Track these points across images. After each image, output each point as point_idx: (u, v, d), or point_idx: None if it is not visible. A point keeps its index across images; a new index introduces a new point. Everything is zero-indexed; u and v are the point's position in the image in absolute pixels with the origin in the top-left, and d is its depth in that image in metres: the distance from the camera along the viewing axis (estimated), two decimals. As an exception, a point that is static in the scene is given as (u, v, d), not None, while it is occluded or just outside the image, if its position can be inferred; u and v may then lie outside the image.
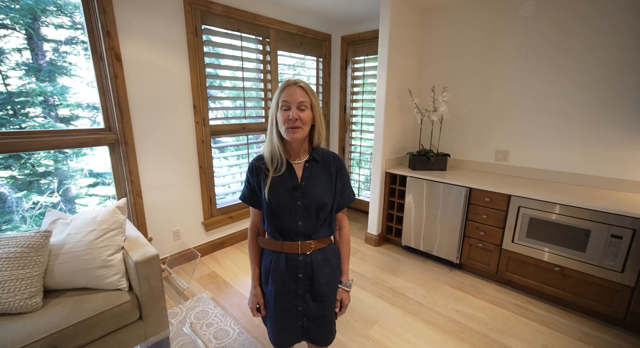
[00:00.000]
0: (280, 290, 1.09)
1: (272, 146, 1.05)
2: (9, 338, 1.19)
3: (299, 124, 0.98)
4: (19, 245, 1.35)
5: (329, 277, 1.12)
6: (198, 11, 2.32)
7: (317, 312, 1.12)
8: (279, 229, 1.07)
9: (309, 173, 1.07)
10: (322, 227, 1.10)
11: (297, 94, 0.98)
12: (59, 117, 3.04)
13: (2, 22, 2.49)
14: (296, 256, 1.08)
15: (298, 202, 1.05)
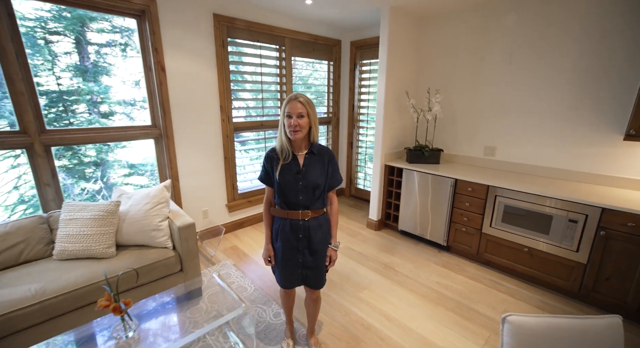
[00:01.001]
0: (286, 246, 1.50)
1: (281, 142, 1.44)
2: (99, 272, 1.70)
3: (298, 128, 1.36)
4: (100, 210, 1.87)
5: (321, 238, 1.52)
6: (225, 27, 2.77)
7: (313, 264, 1.53)
8: (285, 201, 1.48)
9: (308, 162, 1.46)
10: (317, 201, 1.49)
11: (298, 106, 1.35)
12: (100, 113, 3.62)
13: (56, 30, 3.05)
14: (297, 222, 1.47)
15: (300, 182, 1.44)
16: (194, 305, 1.89)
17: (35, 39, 2.58)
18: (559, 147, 2.50)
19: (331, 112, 4.12)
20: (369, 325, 1.97)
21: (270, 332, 1.89)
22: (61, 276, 1.67)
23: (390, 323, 1.99)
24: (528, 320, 0.97)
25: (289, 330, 1.81)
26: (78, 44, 3.39)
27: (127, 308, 1.31)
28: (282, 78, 3.36)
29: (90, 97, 3.34)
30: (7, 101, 2.57)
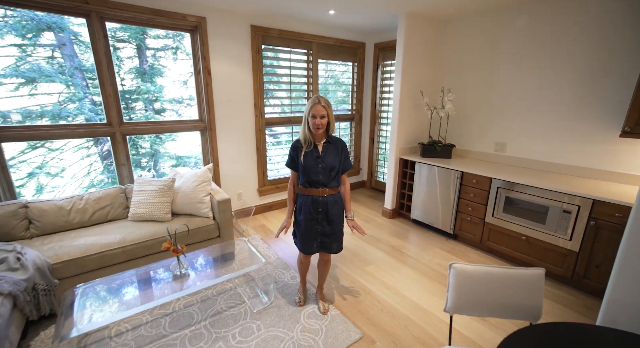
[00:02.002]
0: (308, 217, 1.86)
1: (304, 135, 1.80)
2: (160, 231, 2.26)
3: (320, 126, 1.74)
4: (161, 185, 2.43)
5: (337, 211, 1.88)
6: (260, 35, 3.24)
7: (330, 231, 1.89)
8: (308, 181, 1.83)
9: (326, 149, 1.83)
10: (333, 181, 1.84)
11: (320, 109, 1.71)
12: (155, 110, 4.29)
13: (122, 38, 3.71)
14: (318, 198, 1.83)
15: (319, 165, 1.80)
16: (227, 265, 2.38)
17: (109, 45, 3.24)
18: (563, 144, 2.61)
19: (354, 109, 4.44)
20: (370, 291, 2.32)
21: (287, 289, 2.32)
22: (135, 231, 2.24)
23: (388, 290, 2.32)
24: (467, 267, 1.27)
25: (301, 287, 2.21)
26: (139, 49, 4.10)
27: (182, 251, 1.80)
28: (309, 79, 3.76)
29: (147, 96, 4.02)
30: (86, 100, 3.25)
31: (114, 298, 1.73)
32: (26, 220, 2.15)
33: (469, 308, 1.26)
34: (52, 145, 3.82)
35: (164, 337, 1.83)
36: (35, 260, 1.83)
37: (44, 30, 3.31)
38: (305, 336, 1.86)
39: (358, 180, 4.79)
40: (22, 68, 3.26)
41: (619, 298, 1.26)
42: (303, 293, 2.18)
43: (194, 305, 2.10)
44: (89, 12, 2.36)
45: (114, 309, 1.63)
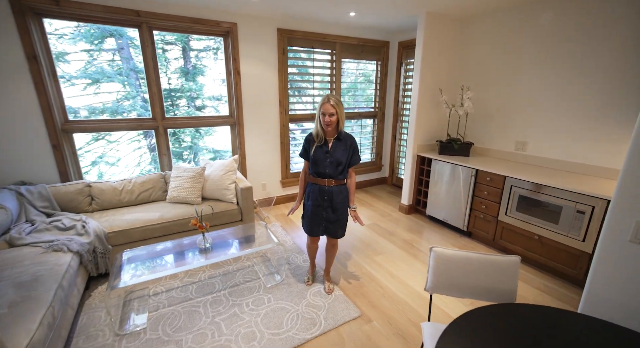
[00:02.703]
0: (314, 203, 2.06)
1: (317, 130, 1.98)
2: (191, 212, 2.61)
3: (330, 123, 1.90)
4: (194, 172, 2.79)
5: (340, 200, 2.05)
6: (285, 37, 3.49)
7: (334, 218, 2.07)
8: (316, 172, 2.02)
9: (335, 145, 1.99)
10: (339, 174, 2.01)
11: (329, 107, 1.86)
12: (196, 106, 4.74)
13: (170, 41, 4.16)
14: (324, 187, 2.02)
15: (328, 159, 1.98)
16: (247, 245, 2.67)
17: (156, 49, 3.70)
18: (587, 143, 2.52)
19: (377, 107, 4.54)
20: (374, 277, 2.47)
21: (298, 270, 2.55)
22: (171, 211, 2.62)
23: (392, 279, 2.46)
24: (447, 251, 1.38)
25: (310, 269, 2.43)
26: (184, 51, 4.56)
27: (206, 227, 2.11)
28: (332, 77, 3.95)
29: (189, 93, 4.47)
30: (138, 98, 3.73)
31: (152, 263, 2.09)
32: (89, 196, 2.62)
33: (446, 288, 1.39)
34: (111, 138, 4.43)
35: (190, 299, 2.16)
36: (95, 229, 2.26)
37: (107, 37, 3.88)
38: (308, 310, 2.07)
39: (379, 176, 4.88)
40: (89, 70, 3.85)
41: (596, 290, 1.30)
42: (312, 274, 2.39)
43: (216, 277, 2.42)
44: (140, 24, 2.77)
45: (151, 271, 1.98)
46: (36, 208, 2.36)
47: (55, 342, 1.51)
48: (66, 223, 2.24)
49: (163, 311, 2.04)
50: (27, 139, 2.53)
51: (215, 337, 1.84)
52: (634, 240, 1.17)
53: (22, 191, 2.35)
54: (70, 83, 3.49)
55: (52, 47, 2.58)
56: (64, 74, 3.04)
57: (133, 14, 2.68)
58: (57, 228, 2.20)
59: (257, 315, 2.02)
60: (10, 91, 2.41)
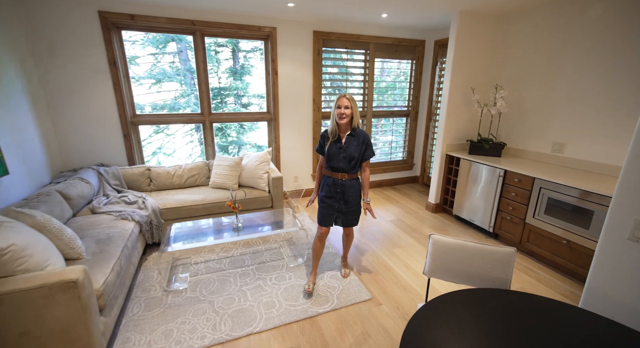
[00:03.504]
0: (328, 195, 2.18)
1: (332, 126, 2.08)
2: (228, 195, 2.97)
3: (345, 116, 1.99)
4: (232, 161, 3.16)
5: (352, 193, 2.16)
6: (321, 39, 3.71)
7: (345, 209, 2.18)
8: (330, 166, 2.14)
9: (348, 141, 2.08)
10: (352, 169, 2.11)
11: (344, 101, 1.99)
12: (242, 104, 5.18)
13: (222, 43, 4.60)
14: (337, 180, 2.14)
15: (341, 154, 2.10)
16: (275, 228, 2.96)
17: (209, 51, 4.16)
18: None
19: (410, 106, 4.56)
20: (390, 268, 2.60)
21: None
22: (212, 194, 3.01)
23: (407, 270, 2.56)
24: (444, 239, 1.48)
25: (312, 275, 2.29)
26: (233, 52, 5.02)
27: (239, 208, 2.43)
28: (365, 77, 4.08)
29: (236, 92, 4.92)
30: (192, 95, 4.21)
31: (194, 235, 2.47)
32: (149, 178, 3.12)
33: (443, 273, 1.50)
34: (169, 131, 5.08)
35: (223, 270, 2.51)
36: (152, 205, 2.71)
37: (169, 42, 4.47)
38: (324, 289, 2.28)
39: (410, 175, 4.89)
40: (154, 72, 4.49)
41: (596, 288, 1.31)
42: (313, 282, 2.27)
43: (246, 255, 2.75)
44: (195, 31, 3.20)
45: (193, 241, 2.35)
46: (110, 185, 2.90)
47: (121, 288, 1.93)
48: (131, 198, 2.73)
49: (201, 277, 2.41)
50: (105, 130, 3.10)
51: (241, 302, 2.14)
52: (632, 238, 1.17)
53: (100, 171, 2.91)
54: (139, 83, 4.10)
55: (126, 52, 3.11)
56: (134, 75, 3.60)
57: (189, 24, 3.12)
58: (124, 201, 2.70)
59: (278, 289, 2.28)
60: (95, 90, 2.99)
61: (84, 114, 2.99)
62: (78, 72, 2.88)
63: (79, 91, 2.93)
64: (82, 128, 3.02)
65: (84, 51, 2.85)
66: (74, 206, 2.44)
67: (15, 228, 1.45)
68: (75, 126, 2.99)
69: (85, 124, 3.02)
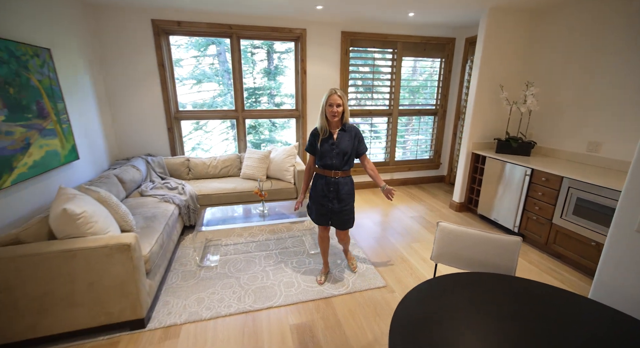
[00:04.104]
0: (321, 194, 2.08)
1: (322, 123, 1.98)
2: (255, 186, 3.22)
3: (336, 113, 1.91)
4: (261, 155, 3.40)
5: (346, 191, 2.07)
6: (349, 39, 3.84)
7: (338, 208, 2.08)
8: (323, 164, 2.04)
9: (340, 136, 1.99)
10: (345, 165, 2.03)
11: (336, 98, 1.90)
12: (274, 103, 5.45)
13: (258, 45, 4.88)
14: (331, 178, 2.03)
15: (334, 151, 1.99)
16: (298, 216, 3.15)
17: (246, 53, 4.47)
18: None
19: (438, 104, 4.53)
20: (407, 260, 2.67)
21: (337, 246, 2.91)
22: (242, 184, 3.28)
23: (424, 263, 2.61)
24: (451, 226, 1.55)
25: (323, 268, 2.37)
26: (268, 53, 5.31)
27: (264, 196, 2.65)
28: (392, 75, 4.14)
29: (270, 91, 5.20)
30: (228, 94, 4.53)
31: (224, 219, 2.73)
32: (188, 168, 3.48)
33: (449, 259, 1.57)
34: (207, 128, 5.51)
35: (250, 253, 2.74)
36: (190, 191, 3.03)
37: (210, 45, 4.87)
38: (340, 274, 2.42)
39: (437, 174, 4.85)
40: (195, 73, 4.91)
41: (605, 279, 1.32)
42: (324, 273, 2.35)
43: (271, 240, 2.96)
44: (231, 34, 3.50)
45: (224, 223, 2.61)
46: (155, 172, 3.28)
47: (163, 259, 2.22)
48: (172, 184, 3.08)
49: (229, 257, 2.66)
50: (153, 124, 3.51)
51: (264, 280, 2.35)
52: (640, 230, 1.18)
53: (148, 160, 3.30)
54: (182, 83, 4.53)
55: (172, 55, 3.49)
56: (178, 76, 4.00)
57: (227, 28, 3.42)
58: (167, 187, 3.05)
59: (298, 271, 2.46)
60: (146, 89, 3.39)
61: (136, 109, 3.41)
62: (133, 73, 3.30)
63: (133, 89, 3.35)
64: (134, 122, 3.44)
65: (139, 54, 3.26)
66: (127, 188, 2.82)
67: (86, 200, 1.77)
68: (129, 120, 3.42)
69: (137, 119, 3.44)
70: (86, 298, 1.66)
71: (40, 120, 2.18)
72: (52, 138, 2.29)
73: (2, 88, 1.87)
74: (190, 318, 1.94)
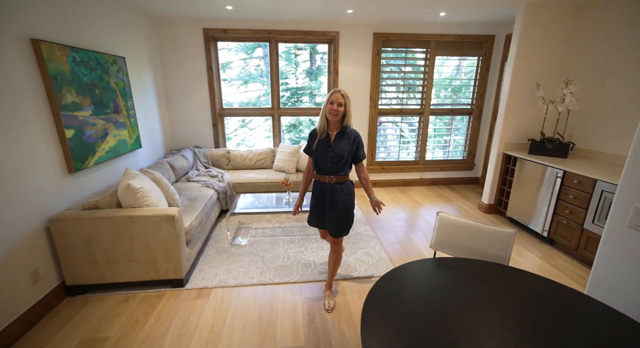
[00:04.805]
0: (317, 199, 1.98)
1: (321, 124, 1.84)
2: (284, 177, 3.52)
3: (336, 112, 1.77)
4: (292, 149, 3.70)
5: (342, 198, 1.90)
6: (380, 40, 3.96)
7: (333, 216, 1.93)
8: (318, 167, 1.91)
9: (338, 139, 1.85)
10: (341, 170, 1.87)
11: (338, 96, 1.77)
12: (315, 103, 5.72)
13: (300, 46, 5.18)
14: (325, 184, 1.90)
15: (329, 154, 1.84)
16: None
17: (289, 54, 4.80)
18: None
19: (474, 104, 4.41)
20: (423, 255, 2.74)
21: (358, 236, 3.07)
22: (273, 175, 3.61)
23: (438, 259, 2.67)
24: (449, 216, 1.64)
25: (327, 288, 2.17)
26: (311, 54, 5.60)
27: (290, 186, 2.93)
28: (425, 74, 4.16)
29: (311, 91, 5.49)
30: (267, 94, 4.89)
31: (255, 204, 3.07)
32: (227, 159, 3.91)
33: (447, 248, 1.67)
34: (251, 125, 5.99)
35: (275, 236, 3.04)
36: (228, 179, 3.44)
37: (256, 48, 5.32)
38: (355, 261, 2.60)
39: (470, 176, 4.72)
40: (242, 74, 5.40)
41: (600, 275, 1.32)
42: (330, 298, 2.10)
43: (296, 227, 3.23)
44: (270, 39, 3.85)
45: (254, 208, 2.94)
46: (200, 162, 3.76)
47: (201, 234, 2.62)
48: (214, 173, 3.51)
49: (257, 238, 2.99)
50: (200, 120, 4.01)
51: (284, 260, 2.62)
52: (632, 226, 1.18)
53: (195, 151, 3.79)
54: (230, 84, 5.02)
55: (222, 58, 3.94)
56: (227, 77, 4.48)
57: (266, 33, 3.77)
58: (209, 175, 3.49)
59: (317, 255, 2.69)
60: (195, 90, 3.89)
61: (187, 107, 3.93)
62: (186, 76, 3.82)
63: (186, 89, 3.87)
64: (185, 118, 3.97)
65: (191, 59, 3.76)
66: (177, 174, 3.30)
67: (144, 179, 2.20)
68: (181, 116, 3.96)
69: (187, 115, 3.96)
70: (141, 256, 2.08)
71: (115, 115, 2.71)
72: (122, 130, 2.82)
73: (91, 89, 2.39)
74: (220, 284, 2.28)
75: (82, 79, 2.28)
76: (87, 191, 2.38)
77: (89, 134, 2.35)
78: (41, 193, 1.94)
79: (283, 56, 4.88)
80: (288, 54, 4.87)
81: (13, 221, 1.75)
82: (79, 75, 2.25)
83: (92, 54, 2.40)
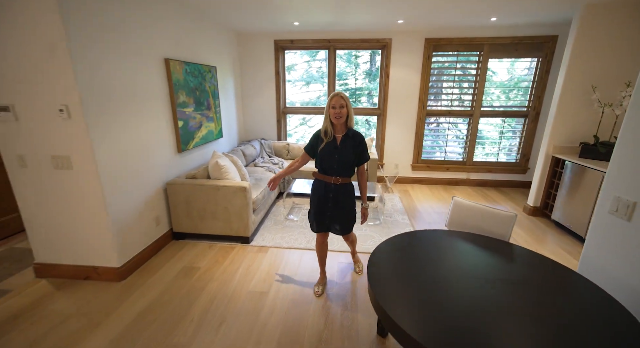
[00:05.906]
0: (320, 200, 2.02)
1: (325, 126, 1.89)
2: (334, 167, 4.04)
3: (340, 115, 1.82)
4: (342, 143, 4.20)
5: (345, 198, 2.01)
6: (431, 45, 4.19)
7: (337, 214, 2.04)
8: (323, 168, 1.97)
9: (344, 142, 1.90)
10: (345, 171, 1.95)
11: (338, 99, 1.80)
12: (372, 103, 6.12)
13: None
14: (330, 184, 1.97)
15: (335, 156, 1.91)
16: (366, 199, 3.81)
17: (350, 57, 5.30)
18: None
19: (530, 106, 4.32)
20: (451, 243, 2.99)
21: (394, 222, 3.43)
22: (324, 166, 4.15)
23: (467, 248, 2.89)
24: (463, 201, 1.94)
25: (320, 277, 2.30)
26: (371, 56, 6.02)
27: (337, 174, 3.44)
28: (476, 77, 4.25)
29: (369, 92, 5.91)
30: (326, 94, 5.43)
31: (307, 188, 3.65)
32: (287, 150, 4.60)
33: (458, 225, 1.99)
34: (310, 123, 6.66)
35: (322, 216, 3.59)
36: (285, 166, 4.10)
37: (319, 51, 5.96)
38: (386, 242, 2.99)
39: (522, 179, 4.62)
40: (304, 76, 6.09)
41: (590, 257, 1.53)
42: (322, 284, 2.26)
43: (340, 211, 3.73)
44: (329, 47, 4.39)
45: (306, 191, 3.53)
46: (265, 151, 4.51)
47: (263, 207, 3.30)
48: (275, 161, 4.22)
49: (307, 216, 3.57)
50: (267, 117, 4.77)
51: (327, 234, 3.15)
52: (611, 212, 1.39)
53: (262, 142, 4.56)
54: (294, 84, 5.74)
55: (287, 61, 4.63)
56: (290, 79, 5.18)
57: (326, 42, 4.33)
58: (271, 162, 4.20)
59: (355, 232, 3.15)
60: (265, 91, 4.66)
61: (257, 105, 4.73)
62: (258, 79, 4.61)
63: (257, 91, 4.66)
64: (255, 115, 4.78)
65: (263, 66, 4.53)
66: (247, 160, 4.08)
67: (226, 160, 2.95)
68: (252, 113, 4.77)
69: (257, 112, 4.76)
70: (222, 216, 2.81)
71: (207, 111, 3.55)
72: (211, 123, 3.66)
73: (194, 92, 3.23)
74: (275, 245, 2.91)
75: (189, 84, 3.12)
76: (188, 166, 3.23)
77: (191, 125, 3.20)
78: (163, 164, 2.80)
79: (344, 58, 5.40)
80: (349, 56, 5.36)
81: (148, 182, 2.61)
82: (188, 82, 3.09)
83: (196, 66, 3.25)
